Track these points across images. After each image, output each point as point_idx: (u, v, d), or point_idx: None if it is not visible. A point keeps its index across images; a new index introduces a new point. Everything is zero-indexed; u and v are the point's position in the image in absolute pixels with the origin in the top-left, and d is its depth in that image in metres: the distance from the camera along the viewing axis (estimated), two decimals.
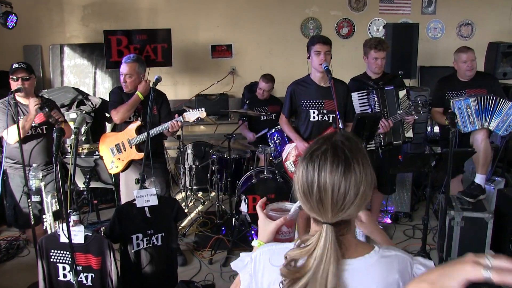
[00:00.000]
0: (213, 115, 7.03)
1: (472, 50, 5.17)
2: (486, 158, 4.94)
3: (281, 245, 1.65)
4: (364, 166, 1.47)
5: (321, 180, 1.44)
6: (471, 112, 4.82)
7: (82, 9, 7.43)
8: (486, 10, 7.97)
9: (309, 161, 1.49)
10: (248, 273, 1.68)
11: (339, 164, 1.44)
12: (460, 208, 4.65)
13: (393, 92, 4.78)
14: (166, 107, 4.79)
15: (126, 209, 3.74)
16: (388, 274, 1.50)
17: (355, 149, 1.49)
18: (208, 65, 7.83)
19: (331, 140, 1.51)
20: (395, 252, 1.55)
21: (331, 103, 4.42)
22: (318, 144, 1.52)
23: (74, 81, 7.41)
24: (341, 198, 1.44)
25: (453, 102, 4.91)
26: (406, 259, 1.54)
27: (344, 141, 1.50)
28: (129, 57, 4.60)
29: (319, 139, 1.55)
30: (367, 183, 1.47)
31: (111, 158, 4.73)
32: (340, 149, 1.47)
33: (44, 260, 3.41)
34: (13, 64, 4.46)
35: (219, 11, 7.70)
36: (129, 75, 4.56)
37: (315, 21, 7.89)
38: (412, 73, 6.56)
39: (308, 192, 1.48)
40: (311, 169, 1.47)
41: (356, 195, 1.45)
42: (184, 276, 4.56)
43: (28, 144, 4.55)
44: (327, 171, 1.44)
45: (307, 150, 1.54)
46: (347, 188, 1.43)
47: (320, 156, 1.47)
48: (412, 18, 7.85)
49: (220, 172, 5.90)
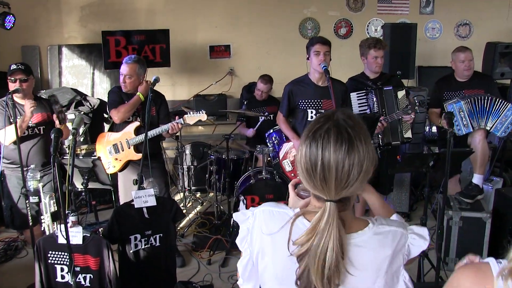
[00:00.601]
0: (212, 116, 7.03)
1: (470, 50, 5.18)
2: (484, 158, 4.94)
3: (279, 208, 1.70)
4: (366, 143, 1.50)
5: (325, 158, 1.47)
6: (464, 114, 4.82)
7: (80, 10, 7.42)
8: (484, 10, 7.98)
9: (312, 140, 1.51)
10: (247, 227, 1.74)
11: (342, 143, 1.46)
12: (458, 208, 4.66)
13: (391, 92, 4.78)
14: (165, 108, 4.79)
15: (124, 210, 3.74)
16: (380, 250, 1.56)
17: (357, 127, 1.51)
18: (206, 66, 7.83)
19: (333, 118, 1.52)
20: (389, 228, 1.60)
21: (329, 103, 4.43)
22: (320, 122, 1.53)
23: (72, 81, 7.41)
24: (345, 176, 1.47)
25: (446, 105, 4.93)
26: (399, 233, 1.61)
27: (346, 119, 1.52)
28: (130, 58, 4.60)
29: (321, 117, 1.56)
30: (369, 160, 1.50)
31: (108, 158, 4.74)
32: (343, 128, 1.49)
33: (42, 261, 3.41)
34: (11, 65, 4.45)
35: (217, 12, 7.70)
36: (129, 76, 4.55)
37: (313, 21, 7.89)
38: (410, 73, 6.56)
39: (311, 170, 1.50)
40: (315, 148, 1.49)
41: (360, 172, 1.48)
42: (182, 277, 4.56)
43: (25, 144, 4.52)
44: (331, 150, 1.46)
45: (310, 128, 1.55)
46: (351, 166, 1.46)
47: (323, 135, 1.49)
48: (410, 18, 7.86)
49: (219, 172, 5.90)
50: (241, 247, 1.77)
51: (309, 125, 1.59)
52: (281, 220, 1.62)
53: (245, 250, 1.76)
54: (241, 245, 1.77)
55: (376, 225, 1.59)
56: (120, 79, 4.64)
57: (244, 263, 1.77)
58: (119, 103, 4.61)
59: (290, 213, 1.64)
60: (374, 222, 1.61)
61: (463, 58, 5.17)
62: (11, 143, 4.42)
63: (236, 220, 1.80)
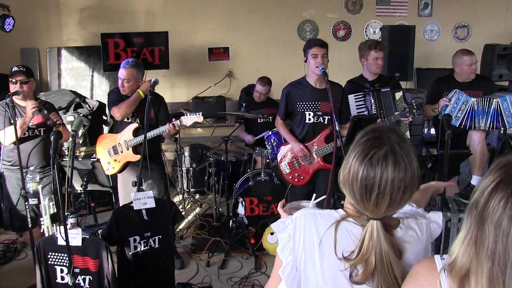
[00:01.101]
0: (210, 118, 7.05)
1: (474, 53, 5.21)
2: (483, 160, 4.96)
3: (323, 211, 1.74)
4: (416, 166, 1.57)
5: (381, 185, 1.52)
6: (464, 108, 4.85)
7: (79, 12, 7.44)
8: (482, 12, 8.01)
9: (370, 165, 1.54)
10: (288, 233, 1.74)
11: (400, 170, 1.52)
12: (457, 209, 4.66)
13: (389, 94, 4.80)
14: (164, 110, 4.80)
15: (123, 212, 3.74)
16: (417, 244, 1.66)
17: (410, 151, 1.57)
18: (205, 68, 7.85)
19: (388, 142, 1.56)
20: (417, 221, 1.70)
21: (327, 105, 4.44)
22: (375, 147, 1.56)
23: (71, 83, 7.42)
24: (398, 199, 1.54)
25: (456, 90, 4.93)
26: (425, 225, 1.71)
27: (401, 143, 1.57)
28: (127, 62, 4.58)
29: (375, 140, 1.59)
30: (418, 180, 1.58)
31: (108, 159, 4.75)
32: (399, 155, 1.54)
33: (42, 263, 3.41)
34: (13, 67, 4.46)
35: (216, 14, 7.72)
36: (127, 80, 4.55)
37: (311, 23, 7.91)
38: (408, 75, 6.58)
39: (365, 194, 1.55)
40: (372, 173, 1.53)
41: (411, 194, 1.57)
42: (181, 279, 4.57)
43: (25, 145, 4.52)
44: (388, 177, 1.52)
45: (365, 151, 1.58)
46: (405, 190, 1.53)
47: (381, 161, 1.53)
48: (408, 20, 7.88)
49: (217, 174, 5.90)
50: (282, 255, 1.76)
51: (360, 143, 1.61)
52: (327, 221, 1.67)
53: (287, 257, 1.74)
54: (282, 253, 1.76)
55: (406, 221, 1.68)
56: (118, 82, 4.65)
57: (288, 271, 1.75)
58: (120, 102, 4.61)
59: (335, 215, 1.69)
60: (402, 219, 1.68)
61: (469, 61, 5.20)
62: (11, 144, 4.42)
63: (275, 230, 1.80)
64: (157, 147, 4.95)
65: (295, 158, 4.55)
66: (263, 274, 4.72)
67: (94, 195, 5.96)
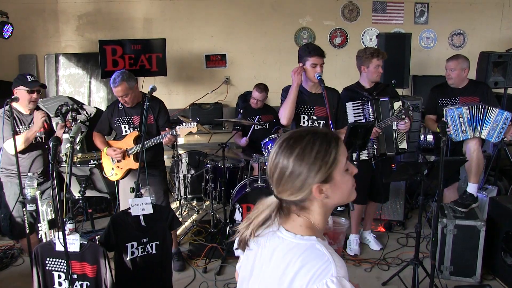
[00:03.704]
0: (207, 124, 7.06)
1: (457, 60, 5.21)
2: (479, 167, 4.98)
3: None
4: (304, 165, 1.60)
5: (270, 161, 1.67)
6: (463, 120, 4.87)
7: (77, 19, 7.46)
8: (478, 20, 8.07)
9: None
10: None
11: (282, 156, 1.63)
12: (453, 216, 4.69)
13: (388, 104, 4.82)
14: (163, 115, 4.81)
15: (121, 218, 3.75)
16: (292, 257, 1.56)
17: (306, 149, 1.60)
18: (202, 75, 7.87)
19: (295, 134, 1.68)
20: (328, 256, 1.51)
21: (322, 109, 4.45)
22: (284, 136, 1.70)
23: (69, 90, 7.44)
24: (277, 179, 1.64)
25: (446, 110, 4.96)
26: (332, 266, 1.48)
27: (299, 139, 1.63)
28: (114, 81, 4.52)
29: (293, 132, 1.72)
30: (302, 176, 1.60)
31: (111, 166, 4.80)
32: (291, 144, 1.63)
33: (40, 269, 3.41)
34: (27, 77, 4.54)
35: (213, 21, 7.75)
36: (125, 95, 4.56)
37: (308, 31, 7.95)
38: (404, 82, 6.61)
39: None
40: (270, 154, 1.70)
41: (289, 183, 1.62)
42: (178, 285, 4.57)
43: (30, 153, 4.61)
44: (273, 156, 1.66)
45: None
46: (282, 175, 1.62)
47: (277, 145, 1.67)
48: (404, 28, 7.93)
49: (215, 181, 5.91)
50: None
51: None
52: None
53: None
54: None
55: (320, 243, 1.57)
56: (119, 100, 4.67)
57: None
58: (102, 128, 4.90)
59: None
60: (318, 240, 1.59)
61: (446, 66, 5.30)
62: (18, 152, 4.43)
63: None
64: (159, 154, 4.95)
65: None
66: None
67: (91, 201, 5.97)
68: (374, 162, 4.87)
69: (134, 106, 4.72)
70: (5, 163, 4.62)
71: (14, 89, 4.55)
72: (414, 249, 4.33)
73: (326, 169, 1.57)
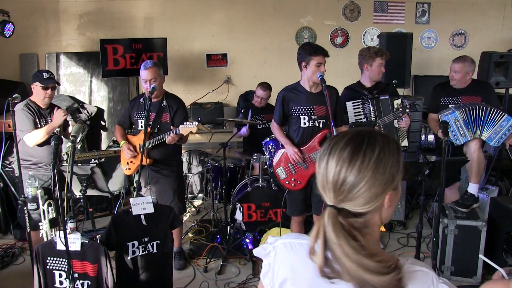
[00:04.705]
0: (208, 124, 7.06)
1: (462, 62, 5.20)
2: (479, 168, 4.98)
3: (299, 239, 1.63)
4: (387, 171, 1.45)
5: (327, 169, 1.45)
6: (460, 124, 4.86)
7: (78, 18, 7.46)
8: (479, 20, 8.07)
9: (327, 155, 1.47)
10: (268, 262, 1.68)
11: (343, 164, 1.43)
12: (454, 216, 4.69)
13: (388, 102, 4.82)
14: (181, 114, 4.79)
15: (122, 217, 3.75)
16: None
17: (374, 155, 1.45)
18: (203, 74, 7.87)
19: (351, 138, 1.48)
20: (420, 268, 1.47)
21: (321, 108, 4.44)
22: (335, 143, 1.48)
23: (70, 89, 7.43)
24: (345, 190, 1.42)
25: (440, 116, 4.97)
26: (431, 276, 1.46)
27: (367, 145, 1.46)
28: (147, 63, 4.62)
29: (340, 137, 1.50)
30: (382, 184, 1.44)
31: (127, 160, 4.87)
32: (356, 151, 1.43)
33: (41, 268, 3.42)
34: (43, 74, 4.69)
35: (214, 21, 7.75)
36: (154, 79, 4.57)
37: (309, 30, 7.95)
38: (406, 82, 6.62)
39: (322, 180, 1.48)
40: (325, 159, 1.47)
41: (366, 192, 1.42)
42: (179, 284, 4.58)
43: (47, 145, 4.70)
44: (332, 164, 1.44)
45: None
46: (354, 185, 1.41)
47: (334, 151, 1.45)
48: (406, 27, 7.92)
49: (215, 180, 5.92)
50: (264, 283, 1.70)
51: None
52: (303, 252, 1.54)
53: (266, 285, 1.69)
54: (264, 281, 1.70)
55: (407, 263, 1.46)
56: (144, 87, 4.67)
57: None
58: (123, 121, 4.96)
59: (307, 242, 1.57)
60: (405, 261, 1.47)
61: (450, 67, 5.29)
62: (35, 145, 4.63)
63: (257, 255, 1.72)
64: (172, 154, 4.91)
65: (291, 163, 4.54)
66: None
67: (92, 201, 5.98)
68: None
69: (154, 103, 4.73)
70: (23, 154, 4.67)
71: (32, 84, 4.73)
72: (415, 249, 4.33)
73: (400, 174, 1.47)
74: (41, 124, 4.68)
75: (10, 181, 5.66)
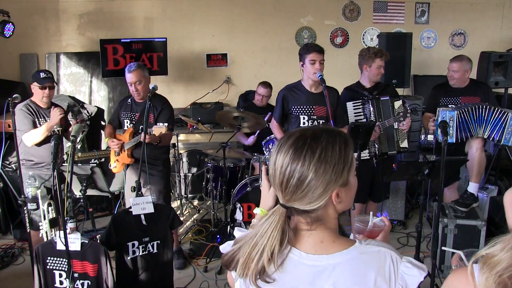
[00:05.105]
0: (208, 124, 7.06)
1: (460, 61, 5.21)
2: (480, 167, 4.98)
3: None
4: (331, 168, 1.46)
5: (276, 166, 1.50)
6: (453, 124, 4.82)
7: (78, 18, 7.46)
8: (478, 20, 8.07)
9: (276, 153, 1.53)
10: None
11: (291, 159, 1.46)
12: (453, 215, 4.70)
13: (388, 103, 4.82)
14: (165, 115, 4.78)
15: (122, 217, 3.76)
16: (363, 272, 1.47)
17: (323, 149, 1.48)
18: (203, 74, 7.87)
19: (299, 134, 1.52)
20: (378, 248, 1.51)
21: (321, 109, 4.46)
22: (286, 138, 1.53)
23: (70, 89, 7.43)
24: (293, 188, 1.47)
25: (439, 110, 4.94)
26: (389, 254, 1.51)
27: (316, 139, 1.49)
28: (130, 66, 4.65)
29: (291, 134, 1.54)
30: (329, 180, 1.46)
31: (114, 158, 4.92)
32: (302, 146, 1.48)
33: (41, 267, 3.43)
34: (40, 73, 4.69)
35: (214, 20, 7.74)
36: (138, 81, 4.61)
37: (309, 30, 7.95)
38: (405, 82, 6.62)
39: (272, 177, 1.54)
40: (273, 157, 1.53)
41: (310, 189, 1.45)
42: (179, 284, 4.58)
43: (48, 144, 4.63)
44: (280, 160, 1.49)
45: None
46: (301, 182, 1.45)
47: (281, 148, 1.50)
48: (405, 27, 7.93)
49: (215, 180, 5.92)
50: (232, 274, 1.70)
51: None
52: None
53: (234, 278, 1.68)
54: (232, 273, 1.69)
55: (364, 245, 1.51)
56: (130, 89, 4.71)
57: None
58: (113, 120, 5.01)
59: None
60: (362, 242, 1.53)
61: (448, 67, 5.31)
62: (33, 145, 4.62)
63: (223, 251, 1.71)
64: (153, 153, 4.83)
65: None
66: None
67: (92, 200, 5.98)
68: (376, 162, 4.87)
69: (140, 103, 4.75)
70: (26, 155, 4.70)
71: (31, 84, 4.75)
72: (414, 248, 4.34)
73: (347, 171, 1.48)
74: (41, 124, 4.68)
75: (10, 181, 5.66)
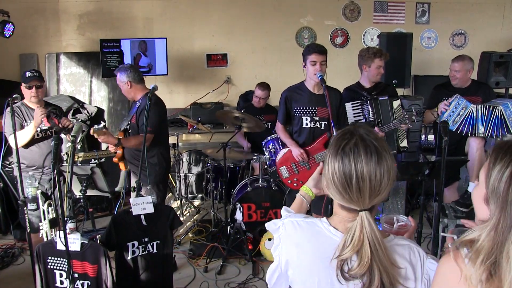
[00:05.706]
0: (208, 124, 7.06)
1: (462, 61, 5.22)
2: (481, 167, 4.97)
3: (307, 220, 1.78)
4: (389, 153, 1.63)
5: (358, 171, 1.58)
6: (463, 114, 4.84)
7: (78, 18, 7.46)
8: (479, 20, 8.07)
9: (344, 155, 1.61)
10: (279, 235, 1.83)
11: (372, 154, 1.58)
12: (454, 216, 4.68)
13: (387, 102, 4.81)
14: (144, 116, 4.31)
15: (122, 217, 3.75)
16: (398, 260, 1.63)
17: (379, 139, 1.64)
18: (203, 74, 7.87)
19: (356, 133, 1.64)
20: (407, 242, 1.69)
21: (324, 110, 4.45)
22: (345, 139, 1.64)
23: (70, 89, 7.43)
24: (378, 184, 1.58)
25: (457, 95, 4.98)
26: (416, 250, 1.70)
27: (368, 133, 1.65)
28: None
29: (344, 134, 1.67)
30: (394, 168, 1.63)
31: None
32: (368, 141, 1.61)
33: (42, 267, 3.42)
34: (26, 73, 4.56)
35: (214, 21, 7.75)
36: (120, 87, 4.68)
37: (309, 30, 7.95)
38: (406, 82, 6.61)
39: (347, 184, 1.60)
40: (347, 162, 1.59)
41: (389, 179, 1.60)
42: (179, 284, 4.58)
43: (41, 146, 4.65)
44: (363, 162, 1.58)
45: (336, 145, 1.65)
46: (382, 175, 1.58)
47: (353, 149, 1.60)
48: (406, 27, 7.93)
49: (215, 180, 5.92)
50: (274, 255, 1.85)
51: (333, 142, 1.69)
52: (308, 230, 1.74)
53: (276, 256, 1.84)
54: (274, 253, 1.85)
55: (397, 238, 1.71)
56: None
57: (273, 268, 1.85)
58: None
59: (318, 223, 1.74)
60: (394, 236, 1.72)
61: (450, 67, 5.31)
62: (21, 146, 4.48)
63: (268, 229, 1.93)
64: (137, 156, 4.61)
65: (294, 163, 4.55)
66: (260, 280, 4.73)
67: (92, 201, 5.98)
68: None
69: (134, 104, 4.76)
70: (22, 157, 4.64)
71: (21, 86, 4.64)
72: None
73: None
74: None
75: (10, 181, 5.66)
